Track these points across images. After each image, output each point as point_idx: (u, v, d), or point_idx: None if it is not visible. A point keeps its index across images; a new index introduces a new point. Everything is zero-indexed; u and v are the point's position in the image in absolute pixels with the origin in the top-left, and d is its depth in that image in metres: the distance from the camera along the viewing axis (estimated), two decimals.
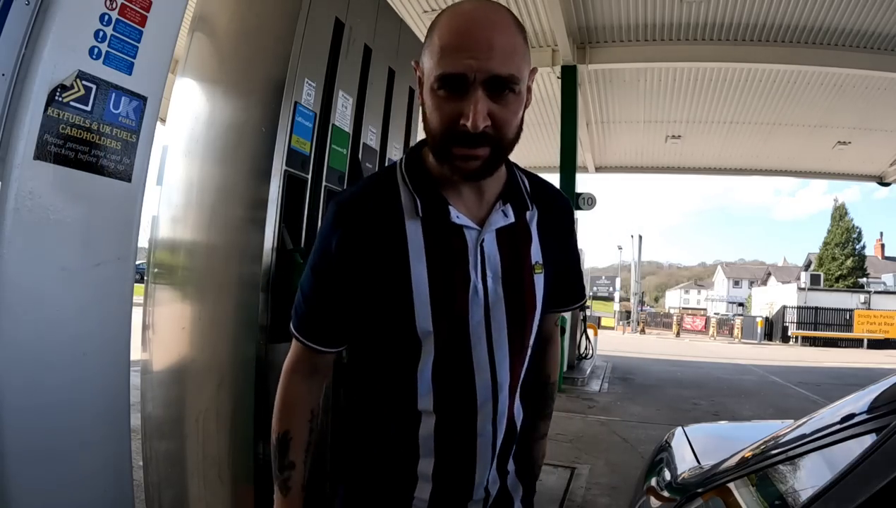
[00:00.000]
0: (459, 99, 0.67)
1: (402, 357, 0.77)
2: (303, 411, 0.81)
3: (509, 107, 0.70)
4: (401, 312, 0.74)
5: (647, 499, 1.35)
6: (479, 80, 0.66)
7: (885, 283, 28.21)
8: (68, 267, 1.08)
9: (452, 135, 0.69)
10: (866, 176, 11.80)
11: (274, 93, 1.64)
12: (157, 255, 1.82)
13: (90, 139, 1.08)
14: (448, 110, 0.68)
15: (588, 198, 8.41)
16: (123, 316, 1.21)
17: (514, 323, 0.79)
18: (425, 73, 0.71)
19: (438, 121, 0.70)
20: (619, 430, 4.95)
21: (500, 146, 0.72)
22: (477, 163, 0.71)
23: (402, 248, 0.75)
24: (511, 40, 0.69)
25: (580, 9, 6.47)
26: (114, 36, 1.10)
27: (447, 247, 0.76)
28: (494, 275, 0.77)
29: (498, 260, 0.78)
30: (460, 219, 0.76)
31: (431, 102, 0.70)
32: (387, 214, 0.76)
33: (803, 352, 16.56)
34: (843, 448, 0.82)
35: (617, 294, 30.67)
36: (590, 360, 9.27)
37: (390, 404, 0.79)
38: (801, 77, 7.52)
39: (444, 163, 0.72)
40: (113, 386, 1.19)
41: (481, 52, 0.66)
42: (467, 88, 0.67)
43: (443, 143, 0.71)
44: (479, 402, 0.77)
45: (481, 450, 0.78)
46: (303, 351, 0.81)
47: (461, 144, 0.69)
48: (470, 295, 0.75)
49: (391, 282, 0.75)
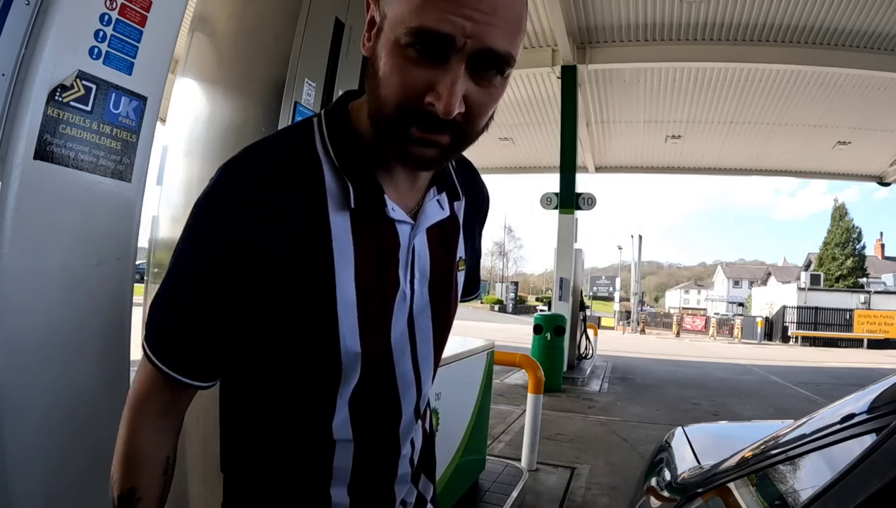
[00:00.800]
0: (432, 67, 0.50)
1: (316, 383, 0.61)
2: (155, 463, 0.61)
3: (492, 92, 0.54)
4: (320, 332, 0.58)
5: (647, 499, 1.35)
6: (468, 48, 0.49)
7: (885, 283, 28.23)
8: (68, 267, 1.08)
9: (412, 112, 0.52)
10: (866, 176, 11.81)
11: (274, 93, 1.64)
12: (157, 255, 1.82)
13: (90, 139, 1.08)
14: (415, 78, 0.51)
15: (588, 198, 8.42)
16: (123, 316, 1.21)
17: (438, 330, 0.68)
18: (389, 17, 0.52)
19: (398, 89, 0.51)
20: (619, 430, 4.95)
21: (466, 136, 0.55)
22: (433, 151, 0.54)
23: (326, 252, 0.57)
24: (518, 9, 0.51)
25: (580, 9, 6.48)
26: (114, 36, 1.10)
27: (378, 247, 0.60)
28: (422, 277, 0.64)
29: (428, 259, 0.65)
30: (395, 212, 0.61)
31: (391, 61, 0.51)
32: (305, 200, 0.57)
33: (803, 352, 16.56)
34: (843, 448, 0.82)
35: (617, 294, 30.69)
36: (590, 360, 9.28)
37: (293, 434, 0.63)
38: (801, 77, 7.53)
39: (391, 143, 0.55)
40: (113, 386, 1.19)
41: (481, 12, 0.48)
42: (447, 57, 0.49)
43: (397, 119, 0.53)
44: (403, 424, 0.67)
45: (402, 469, 0.69)
46: (159, 382, 0.59)
47: (420, 126, 0.52)
48: (396, 302, 0.62)
49: (309, 294, 0.57)
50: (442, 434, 2.38)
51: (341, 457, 0.63)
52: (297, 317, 0.58)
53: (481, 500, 2.87)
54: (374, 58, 0.54)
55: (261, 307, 0.57)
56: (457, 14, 0.48)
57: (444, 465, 2.43)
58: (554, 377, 6.67)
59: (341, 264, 0.58)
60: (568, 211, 8.31)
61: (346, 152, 0.60)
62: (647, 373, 9.34)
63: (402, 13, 0.50)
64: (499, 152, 12.45)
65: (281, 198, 0.56)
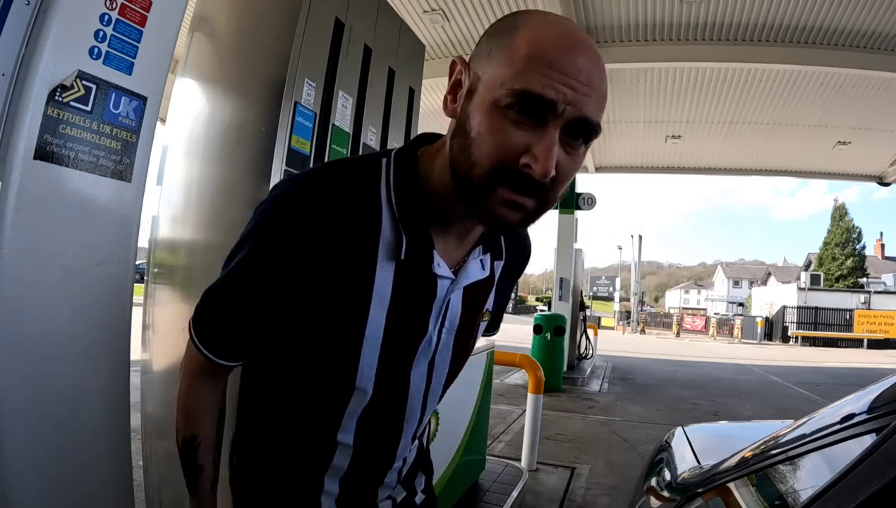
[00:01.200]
0: (530, 129, 0.51)
1: (327, 399, 0.67)
2: (210, 413, 0.72)
3: (576, 160, 0.55)
4: (340, 363, 0.63)
5: (647, 499, 1.35)
6: (566, 115, 0.51)
7: (885, 283, 28.24)
8: (68, 267, 1.08)
9: (506, 172, 0.52)
10: (866, 176, 11.80)
11: (274, 92, 1.64)
12: (157, 255, 1.82)
13: (90, 139, 1.08)
14: (513, 139, 0.52)
15: (588, 198, 8.42)
16: (123, 316, 1.21)
17: (452, 372, 0.74)
18: (485, 79, 0.54)
19: (494, 149, 0.52)
20: (619, 430, 4.95)
21: (547, 203, 0.56)
22: (518, 215, 0.55)
23: (366, 293, 0.61)
24: (605, 87, 0.54)
25: (580, 9, 6.47)
26: (114, 36, 1.10)
27: (415, 296, 0.64)
28: (450, 327, 0.68)
29: (459, 311, 0.68)
30: (440, 267, 0.63)
31: (487, 121, 0.53)
32: (359, 244, 0.60)
33: (803, 352, 16.56)
34: (843, 448, 0.82)
35: (617, 294, 30.69)
36: (590, 360, 9.28)
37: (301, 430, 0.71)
38: (801, 77, 7.52)
39: (477, 203, 0.55)
40: (113, 386, 1.19)
41: (581, 83, 0.51)
42: (545, 121, 0.51)
43: (488, 179, 0.53)
44: (401, 446, 0.73)
45: (389, 478, 0.76)
46: (206, 361, 0.68)
47: (511, 187, 0.53)
48: (421, 346, 0.66)
49: (339, 326, 0.62)
50: (442, 434, 2.38)
51: (340, 457, 0.71)
52: (323, 343, 0.63)
53: (481, 500, 2.87)
54: (464, 117, 0.56)
55: (294, 323, 0.63)
56: (560, 82, 0.50)
57: (444, 465, 2.43)
58: (554, 377, 6.67)
59: (376, 306, 0.61)
60: (568, 211, 8.30)
61: (407, 204, 0.61)
62: (647, 373, 9.34)
63: (503, 76, 0.52)
64: None
65: (338, 235, 0.59)
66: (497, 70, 0.53)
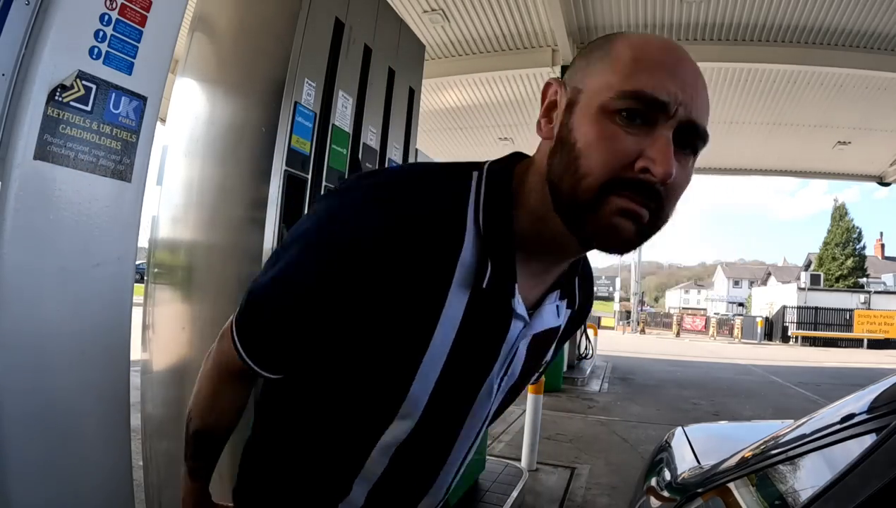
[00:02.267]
0: (641, 134, 0.48)
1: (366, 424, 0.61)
2: (231, 412, 0.69)
3: (687, 172, 0.51)
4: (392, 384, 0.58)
5: (647, 499, 1.35)
6: (677, 117, 0.48)
7: (885, 283, 28.24)
8: (68, 267, 1.08)
9: (621, 179, 0.48)
10: (866, 176, 11.79)
11: (274, 93, 1.64)
12: (157, 255, 1.82)
13: (90, 139, 1.08)
14: (626, 144, 0.48)
15: None
16: (123, 316, 1.21)
17: (501, 411, 0.74)
18: (588, 88, 0.51)
19: (608, 156, 0.48)
20: (619, 430, 4.95)
21: (662, 218, 0.51)
22: (633, 228, 0.50)
23: (432, 320, 0.55)
24: (707, 95, 0.51)
25: (580, 9, 6.47)
26: (114, 36, 1.10)
27: (484, 333, 0.57)
28: (511, 376, 0.63)
29: (522, 361, 0.63)
30: (519, 305, 0.57)
31: (595, 129, 0.49)
32: (433, 267, 0.54)
33: (803, 352, 16.55)
34: (843, 448, 0.82)
35: (617, 294, 30.66)
36: (590, 360, 9.28)
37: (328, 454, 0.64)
38: (802, 77, 7.52)
39: (584, 217, 0.50)
40: (113, 386, 1.19)
41: (690, 85, 0.49)
42: (655, 122, 0.48)
43: (602, 188, 0.48)
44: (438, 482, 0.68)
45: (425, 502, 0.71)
46: (244, 367, 0.63)
47: (627, 194, 0.48)
48: (482, 394, 0.62)
49: (396, 353, 0.56)
50: None
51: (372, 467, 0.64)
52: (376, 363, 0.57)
53: (481, 500, 2.87)
54: (565, 132, 0.51)
55: (347, 340, 0.57)
56: (671, 82, 0.48)
57: None
58: (554, 377, 6.67)
59: (439, 336, 0.55)
60: None
61: (497, 226, 0.55)
62: (647, 373, 9.34)
63: (611, 81, 0.49)
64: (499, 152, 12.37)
65: (412, 256, 0.52)
66: (601, 77, 0.50)
